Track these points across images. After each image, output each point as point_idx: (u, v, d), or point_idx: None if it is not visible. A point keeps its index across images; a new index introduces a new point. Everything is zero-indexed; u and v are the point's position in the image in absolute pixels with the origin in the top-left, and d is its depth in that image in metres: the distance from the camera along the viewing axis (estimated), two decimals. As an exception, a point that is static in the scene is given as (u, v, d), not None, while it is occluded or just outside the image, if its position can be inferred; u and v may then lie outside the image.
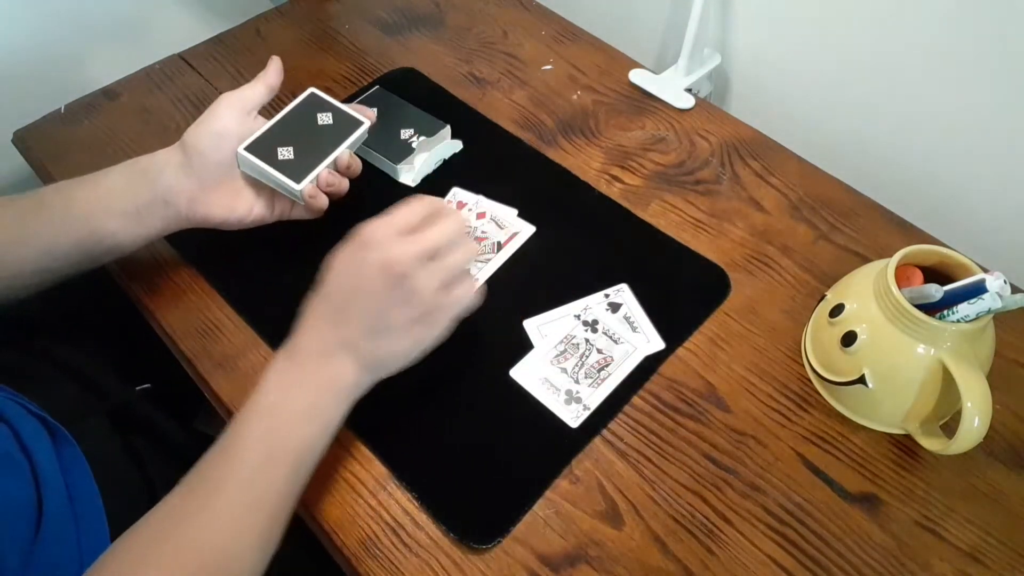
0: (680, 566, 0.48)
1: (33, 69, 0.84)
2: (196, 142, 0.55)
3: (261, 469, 0.44)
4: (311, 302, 0.49)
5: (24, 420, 0.49)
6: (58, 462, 0.48)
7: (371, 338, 0.48)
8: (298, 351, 0.48)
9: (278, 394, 0.46)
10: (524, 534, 0.49)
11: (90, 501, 0.49)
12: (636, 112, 0.75)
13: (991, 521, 0.49)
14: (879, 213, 0.66)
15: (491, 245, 0.64)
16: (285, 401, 0.46)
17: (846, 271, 0.55)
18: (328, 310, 0.48)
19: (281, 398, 0.46)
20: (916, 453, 0.52)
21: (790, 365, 0.57)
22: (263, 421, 0.46)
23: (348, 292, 0.48)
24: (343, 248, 0.49)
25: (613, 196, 0.67)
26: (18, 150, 0.76)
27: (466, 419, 0.54)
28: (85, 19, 0.86)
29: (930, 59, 0.65)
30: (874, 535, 0.49)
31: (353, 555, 0.49)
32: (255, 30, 0.85)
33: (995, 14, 0.59)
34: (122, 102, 0.78)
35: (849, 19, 0.69)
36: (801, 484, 0.51)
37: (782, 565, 0.48)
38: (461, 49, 0.83)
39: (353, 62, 0.81)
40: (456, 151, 0.71)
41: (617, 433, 0.53)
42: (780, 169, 0.70)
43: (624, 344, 0.57)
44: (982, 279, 0.45)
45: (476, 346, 0.57)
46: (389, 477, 0.52)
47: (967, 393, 0.44)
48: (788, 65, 0.76)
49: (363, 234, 0.48)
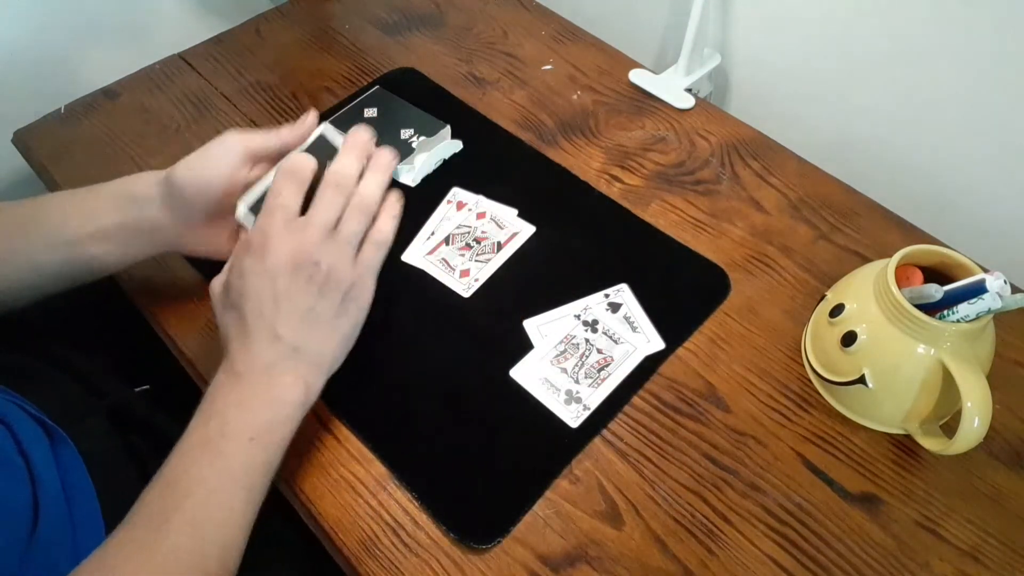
0: (680, 566, 0.48)
1: (33, 69, 0.84)
2: (182, 186, 0.51)
3: (209, 502, 0.42)
4: (231, 323, 0.47)
5: (22, 421, 0.48)
6: (55, 463, 0.48)
7: (309, 338, 0.47)
8: (240, 371, 0.46)
9: (223, 418, 0.44)
10: (524, 534, 0.49)
11: (87, 503, 0.49)
12: (636, 112, 0.75)
13: (991, 521, 0.49)
14: (879, 213, 0.66)
15: (491, 245, 0.64)
16: (232, 425, 0.44)
17: (846, 271, 0.55)
18: (257, 327, 0.46)
19: (227, 421, 0.44)
20: (916, 453, 0.52)
21: (790, 365, 0.57)
22: (208, 449, 0.43)
23: (269, 302, 0.46)
24: (240, 262, 0.46)
25: (613, 196, 0.67)
26: (18, 150, 0.76)
27: (466, 419, 0.54)
28: (85, 19, 0.86)
29: (930, 59, 0.65)
30: (874, 535, 0.49)
31: (353, 555, 0.49)
32: (255, 30, 0.86)
33: (995, 14, 0.59)
34: (122, 102, 0.78)
35: (849, 19, 0.69)
36: (801, 484, 0.51)
37: (782, 565, 0.48)
38: (461, 49, 0.83)
39: (353, 62, 0.81)
40: (456, 151, 0.71)
41: (617, 433, 0.53)
42: (780, 169, 0.70)
43: (624, 344, 0.57)
44: (982, 279, 0.45)
45: (476, 346, 0.57)
46: (389, 477, 0.52)
47: (967, 393, 0.44)
48: (788, 65, 0.76)
49: (252, 240, 0.46)
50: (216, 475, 0.43)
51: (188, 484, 0.42)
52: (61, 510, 0.46)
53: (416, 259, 0.63)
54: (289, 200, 0.47)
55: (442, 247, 0.64)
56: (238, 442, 0.44)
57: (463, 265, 0.62)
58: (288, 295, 0.46)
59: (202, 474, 0.42)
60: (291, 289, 0.46)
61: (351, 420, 0.54)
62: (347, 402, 0.54)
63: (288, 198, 0.47)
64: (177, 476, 0.43)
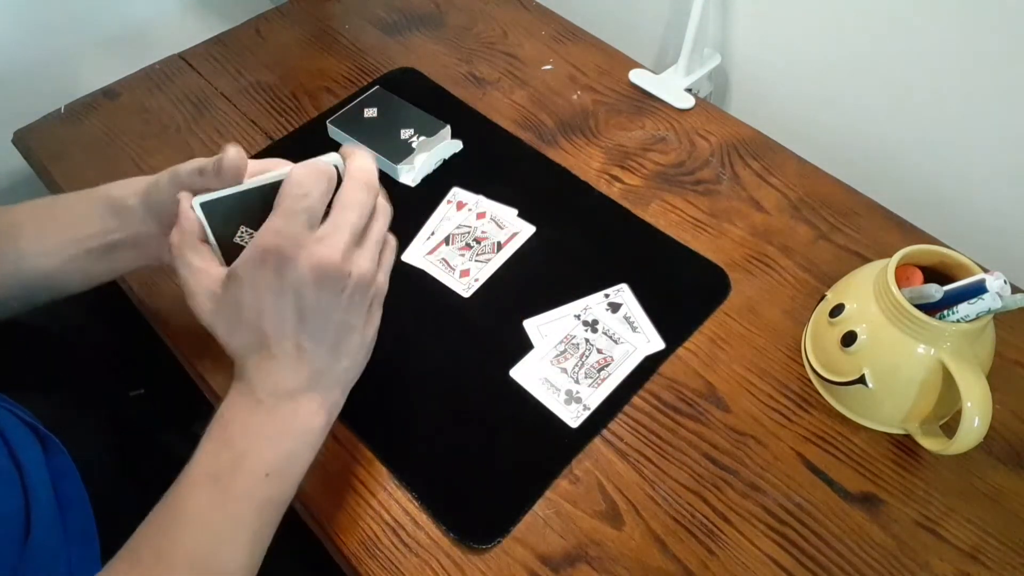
0: (680, 566, 0.48)
1: (33, 69, 0.84)
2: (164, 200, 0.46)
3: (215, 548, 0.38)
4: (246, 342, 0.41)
5: (14, 429, 0.47)
6: (48, 471, 0.47)
7: (338, 352, 0.42)
8: (261, 397, 0.41)
9: (237, 451, 0.40)
10: (524, 534, 0.49)
11: (81, 511, 0.48)
12: (636, 112, 0.75)
13: (991, 521, 0.49)
14: (879, 213, 0.66)
15: (491, 245, 0.64)
16: (249, 460, 0.40)
17: (846, 271, 0.55)
18: (282, 348, 0.41)
19: (243, 455, 0.40)
20: (916, 453, 0.52)
21: (790, 365, 0.57)
22: (219, 487, 0.39)
23: (293, 319, 0.40)
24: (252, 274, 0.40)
25: (613, 196, 0.67)
26: (18, 150, 0.76)
27: (466, 419, 0.54)
28: (85, 19, 0.86)
29: (930, 59, 0.65)
30: (874, 535, 0.49)
31: (353, 555, 0.49)
32: (255, 30, 0.86)
33: (996, 14, 0.59)
34: (122, 102, 0.78)
35: (849, 19, 0.69)
36: (801, 484, 0.51)
37: (782, 565, 0.48)
38: (461, 49, 0.83)
39: (353, 62, 0.81)
40: (456, 151, 0.71)
41: (617, 433, 0.53)
42: (780, 169, 0.70)
43: (624, 344, 0.57)
44: (982, 279, 0.45)
45: (476, 346, 0.57)
46: (389, 477, 0.52)
47: (967, 393, 0.44)
48: (788, 65, 0.76)
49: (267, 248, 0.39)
50: (223, 519, 0.39)
51: (190, 524, 0.39)
52: (54, 519, 0.45)
53: (416, 259, 0.63)
54: (315, 203, 0.40)
55: (442, 247, 0.64)
56: (253, 479, 0.40)
57: (463, 265, 0.62)
58: (316, 310, 0.40)
59: (209, 517, 0.39)
60: (319, 303, 0.40)
61: (351, 420, 0.54)
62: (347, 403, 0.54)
63: (315, 200, 0.40)
64: (180, 512, 0.39)
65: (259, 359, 0.41)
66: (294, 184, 0.40)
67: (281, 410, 0.41)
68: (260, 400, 0.41)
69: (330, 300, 0.41)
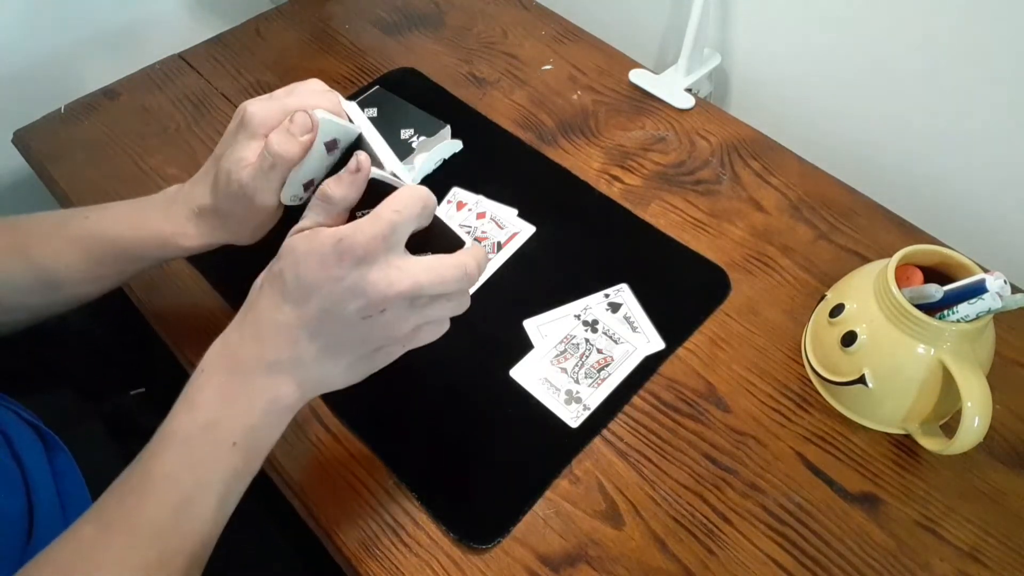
0: (680, 566, 0.48)
1: (33, 69, 0.84)
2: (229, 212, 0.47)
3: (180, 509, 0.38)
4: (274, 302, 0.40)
5: (17, 428, 0.48)
6: (50, 470, 0.47)
7: (321, 361, 0.41)
8: (243, 361, 0.40)
9: (210, 413, 0.39)
10: (524, 534, 0.49)
11: (82, 509, 0.47)
12: (636, 112, 0.75)
13: (991, 521, 0.49)
14: (879, 213, 0.66)
15: (491, 245, 0.64)
16: (221, 423, 0.39)
17: (846, 271, 0.55)
18: (294, 321, 0.39)
19: (217, 418, 0.39)
20: (916, 453, 0.52)
21: (790, 365, 0.57)
22: (189, 447, 0.39)
23: (320, 310, 0.39)
24: (325, 251, 0.38)
25: (613, 196, 0.67)
26: (18, 150, 0.76)
27: (467, 419, 0.54)
28: (85, 19, 0.86)
29: (930, 59, 0.65)
30: (874, 535, 0.49)
31: (353, 555, 0.49)
32: (255, 30, 0.86)
33: (995, 15, 0.59)
34: (122, 102, 0.78)
35: (849, 19, 0.69)
36: (801, 484, 0.51)
37: (782, 565, 0.48)
38: (461, 49, 0.83)
39: (353, 62, 0.81)
40: (456, 151, 0.71)
41: (617, 433, 0.53)
42: (780, 169, 0.70)
43: (624, 344, 0.57)
44: (982, 279, 0.45)
45: (476, 346, 0.57)
46: (389, 477, 0.52)
47: (967, 393, 0.45)
48: (788, 65, 0.76)
49: (350, 243, 0.38)
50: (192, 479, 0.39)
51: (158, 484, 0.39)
52: (56, 517, 0.46)
53: (416, 259, 0.63)
54: (406, 228, 0.39)
55: (442, 247, 0.64)
56: (221, 447, 0.39)
57: (463, 265, 0.62)
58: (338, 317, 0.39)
59: (178, 475, 0.39)
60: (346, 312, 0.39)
61: (351, 420, 0.54)
62: (347, 402, 0.54)
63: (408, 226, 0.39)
64: (151, 471, 0.39)
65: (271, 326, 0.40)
66: (401, 209, 0.39)
67: (257, 379, 0.40)
68: (236, 364, 0.40)
69: (351, 315, 0.39)
